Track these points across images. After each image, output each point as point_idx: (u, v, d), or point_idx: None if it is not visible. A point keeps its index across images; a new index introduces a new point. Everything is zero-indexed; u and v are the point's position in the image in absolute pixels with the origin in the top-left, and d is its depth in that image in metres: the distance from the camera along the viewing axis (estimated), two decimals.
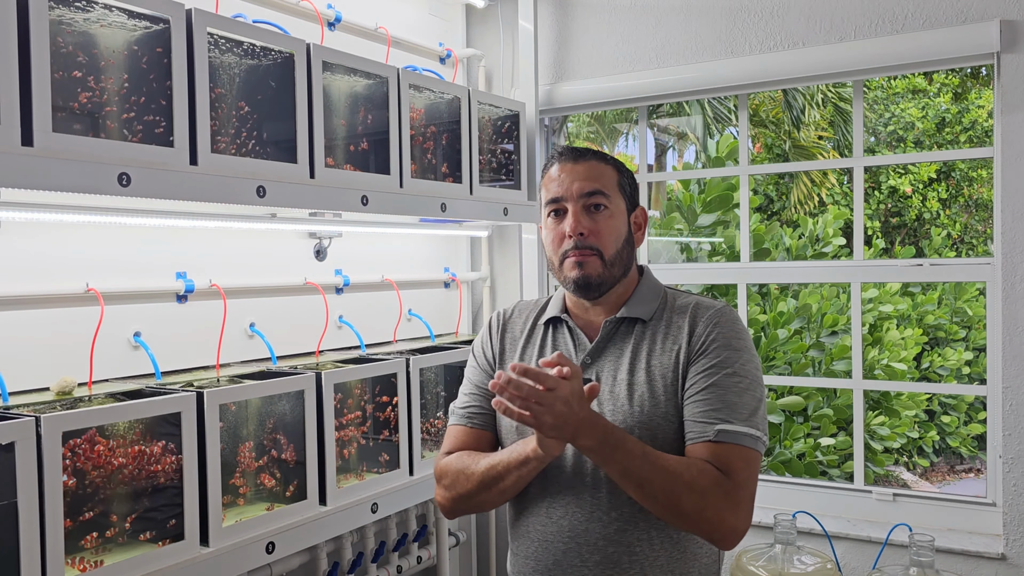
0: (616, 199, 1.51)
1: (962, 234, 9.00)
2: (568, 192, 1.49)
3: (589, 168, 1.50)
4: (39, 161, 1.39)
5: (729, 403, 1.39)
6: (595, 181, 1.49)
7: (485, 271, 3.00)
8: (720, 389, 1.40)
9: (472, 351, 1.68)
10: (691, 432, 1.40)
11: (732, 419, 1.37)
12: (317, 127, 1.92)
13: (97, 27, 1.51)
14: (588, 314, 1.55)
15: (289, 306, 2.29)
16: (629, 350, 1.49)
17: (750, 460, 1.37)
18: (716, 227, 6.04)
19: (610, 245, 1.48)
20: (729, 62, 2.58)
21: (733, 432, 1.37)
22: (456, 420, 1.59)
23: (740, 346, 1.44)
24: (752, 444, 1.38)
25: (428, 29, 2.85)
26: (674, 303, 1.53)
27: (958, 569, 2.23)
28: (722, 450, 1.36)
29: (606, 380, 1.48)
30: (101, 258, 1.88)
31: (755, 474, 1.39)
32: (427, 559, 2.48)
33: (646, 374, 1.45)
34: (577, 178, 1.49)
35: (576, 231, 1.46)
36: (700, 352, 1.44)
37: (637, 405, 1.43)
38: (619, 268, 1.50)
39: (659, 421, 1.42)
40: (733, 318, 1.48)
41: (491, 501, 1.48)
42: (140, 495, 1.58)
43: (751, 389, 1.41)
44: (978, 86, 8.96)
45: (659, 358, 1.46)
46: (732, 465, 1.35)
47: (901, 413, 6.06)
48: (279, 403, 1.87)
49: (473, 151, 2.44)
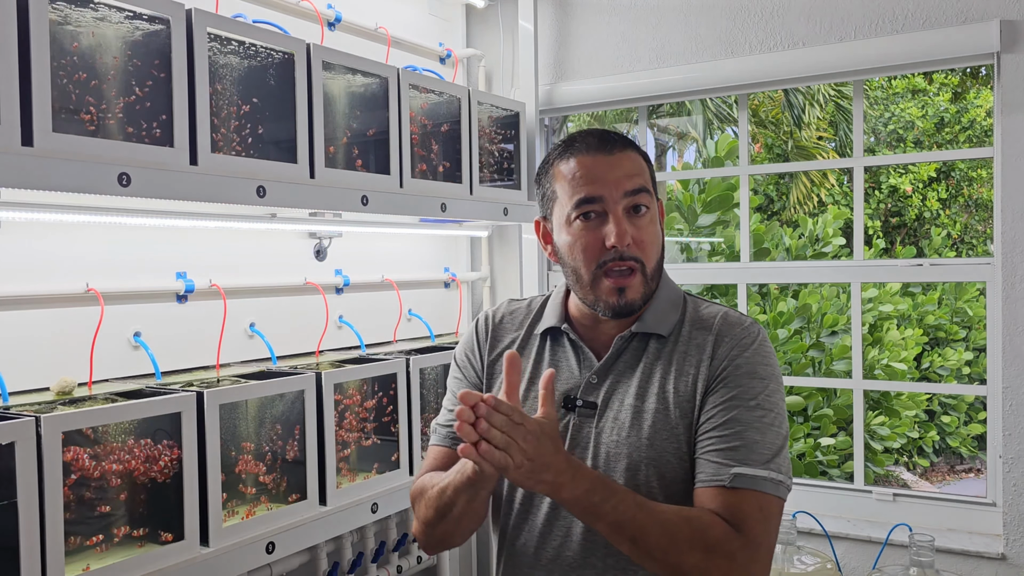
0: (653, 199, 1.29)
1: (962, 234, 9.00)
2: (608, 190, 1.24)
3: (628, 161, 1.27)
4: (39, 161, 1.39)
5: (749, 442, 1.19)
6: (638, 176, 1.26)
7: (485, 271, 3.00)
8: (740, 425, 1.20)
9: (455, 359, 1.45)
10: (703, 473, 1.21)
11: (751, 461, 1.18)
12: (317, 127, 1.92)
13: (97, 27, 1.50)
14: (597, 326, 1.33)
15: (289, 306, 2.29)
16: (640, 371, 1.28)
17: (769, 510, 1.18)
18: (716, 227, 6.04)
19: (652, 256, 1.27)
20: (729, 62, 2.58)
21: (751, 477, 1.17)
22: (438, 440, 1.38)
23: (767, 373, 1.24)
24: (773, 490, 1.18)
25: (428, 29, 2.85)
26: (696, 315, 1.32)
27: (958, 569, 2.23)
28: (736, 499, 1.17)
29: (612, 405, 1.28)
30: (101, 258, 1.87)
31: (775, 525, 1.20)
32: (427, 559, 2.48)
33: (658, 400, 1.25)
34: (617, 173, 1.25)
35: (624, 241, 1.23)
36: (720, 379, 1.24)
37: (647, 437, 1.24)
38: (656, 281, 1.29)
39: (670, 457, 1.23)
40: (763, 339, 1.27)
41: (451, 533, 1.27)
42: (140, 495, 1.58)
43: (776, 425, 1.22)
44: (977, 86, 8.96)
45: (675, 383, 1.26)
46: (746, 517, 1.16)
47: (901, 413, 6.07)
48: (279, 403, 1.87)
49: (473, 151, 2.44)
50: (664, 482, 1.23)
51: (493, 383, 1.38)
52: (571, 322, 1.36)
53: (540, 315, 1.40)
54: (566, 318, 1.36)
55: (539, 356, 1.36)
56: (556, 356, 1.35)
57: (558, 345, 1.36)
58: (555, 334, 1.37)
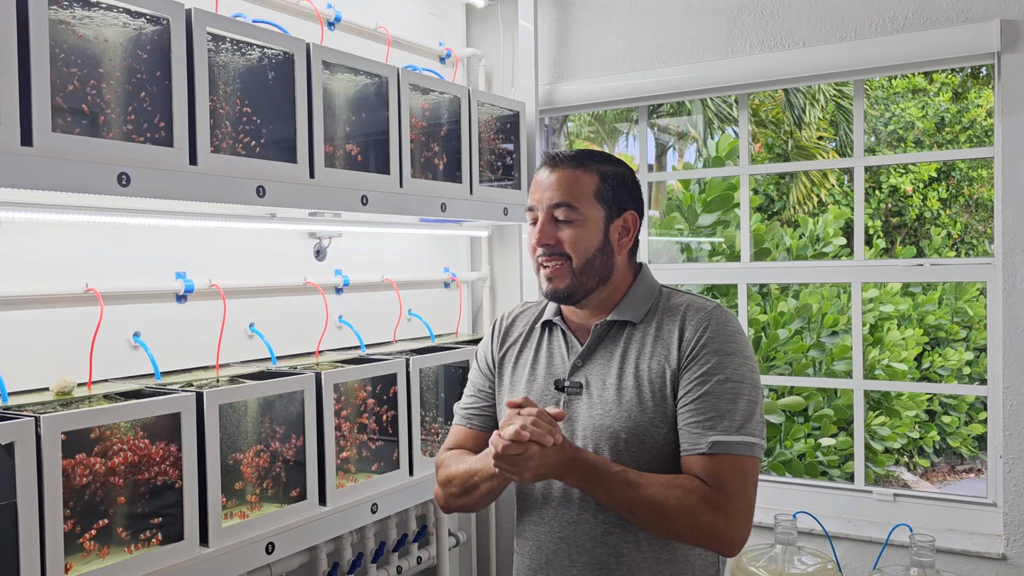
0: (589, 208, 1.48)
1: (962, 234, 8.99)
2: (539, 201, 1.49)
3: (563, 177, 1.49)
4: (39, 161, 1.39)
5: (721, 411, 1.38)
6: (565, 192, 1.47)
7: (485, 271, 3.00)
8: (712, 397, 1.39)
9: (475, 354, 1.71)
10: (686, 443, 1.40)
11: (725, 428, 1.37)
12: (317, 127, 1.92)
13: (97, 27, 1.50)
14: (580, 317, 1.55)
15: (289, 306, 2.29)
16: (618, 353, 1.48)
17: (745, 469, 1.37)
18: (716, 227, 6.03)
19: (580, 253, 1.47)
20: (729, 62, 2.57)
21: (726, 443, 1.36)
22: (457, 419, 1.65)
23: (732, 350, 1.43)
24: (748, 452, 1.37)
25: (428, 29, 2.85)
26: (667, 303, 1.52)
27: (959, 569, 2.23)
28: (714, 463, 1.36)
29: (595, 384, 1.48)
30: (101, 258, 1.87)
31: (751, 482, 1.38)
32: (427, 559, 2.48)
33: (634, 378, 1.45)
34: (549, 188, 1.48)
35: (541, 241, 1.48)
36: (690, 358, 1.43)
37: (625, 410, 1.43)
38: (592, 277, 1.48)
39: (647, 427, 1.42)
40: (724, 319, 1.46)
41: (472, 505, 1.52)
42: (140, 495, 1.58)
43: (745, 394, 1.40)
44: (978, 86, 8.96)
45: (647, 362, 1.46)
46: (724, 477, 1.35)
47: (902, 413, 6.06)
48: (279, 403, 1.87)
49: (473, 151, 2.44)
50: (644, 447, 1.42)
51: (503, 373, 1.61)
52: (563, 316, 1.58)
53: (543, 311, 1.63)
54: (559, 312, 1.59)
55: (539, 344, 1.60)
56: (551, 344, 1.58)
57: (553, 335, 1.59)
58: (551, 326, 1.60)
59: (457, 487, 1.51)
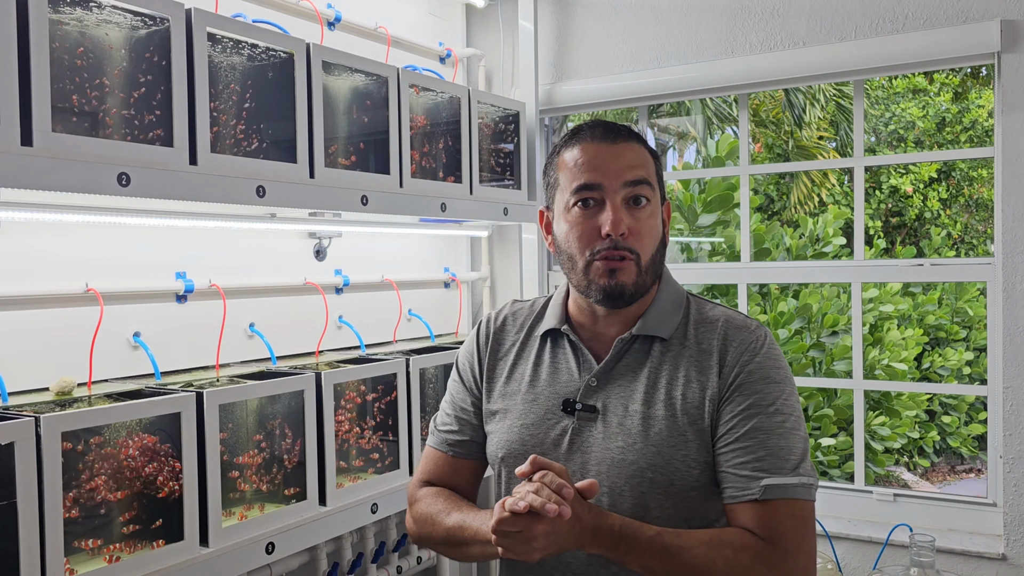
0: (656, 192, 1.27)
1: (962, 234, 8.99)
2: (608, 179, 1.22)
3: (631, 152, 1.25)
4: (39, 161, 1.39)
5: (775, 449, 1.17)
6: (639, 168, 1.24)
7: (485, 271, 3.00)
8: (762, 433, 1.18)
9: (456, 362, 1.44)
10: (731, 488, 1.18)
11: (779, 469, 1.16)
12: (317, 127, 1.92)
13: (97, 26, 1.50)
14: (597, 326, 1.30)
15: (289, 306, 2.29)
16: (645, 375, 1.25)
17: (804, 516, 1.17)
18: (716, 227, 6.04)
19: (648, 248, 1.24)
20: (730, 62, 2.57)
21: (781, 486, 1.15)
22: (435, 443, 1.41)
23: (780, 377, 1.22)
24: (805, 495, 1.17)
25: (428, 29, 2.85)
26: (699, 316, 1.29)
27: (959, 569, 2.23)
28: (768, 511, 1.15)
29: (615, 410, 1.25)
30: (101, 258, 1.87)
31: (811, 531, 1.18)
32: (427, 559, 2.48)
33: (665, 407, 1.22)
34: (619, 163, 1.23)
35: (619, 230, 1.21)
36: (734, 387, 1.21)
37: (654, 444, 1.21)
38: (652, 275, 1.27)
39: (678, 466, 1.20)
40: (770, 342, 1.25)
41: (456, 558, 1.32)
42: (140, 495, 1.58)
43: (797, 428, 1.20)
44: (978, 86, 8.96)
45: (682, 389, 1.23)
46: (780, 528, 1.14)
47: (902, 413, 6.06)
48: (279, 403, 1.87)
49: (473, 151, 2.43)
50: (672, 489, 1.20)
51: (493, 387, 1.37)
52: (571, 323, 1.33)
53: (541, 316, 1.38)
54: (566, 319, 1.34)
55: (538, 358, 1.34)
56: (556, 358, 1.32)
57: (558, 347, 1.33)
58: (555, 336, 1.34)
59: (440, 536, 1.28)
